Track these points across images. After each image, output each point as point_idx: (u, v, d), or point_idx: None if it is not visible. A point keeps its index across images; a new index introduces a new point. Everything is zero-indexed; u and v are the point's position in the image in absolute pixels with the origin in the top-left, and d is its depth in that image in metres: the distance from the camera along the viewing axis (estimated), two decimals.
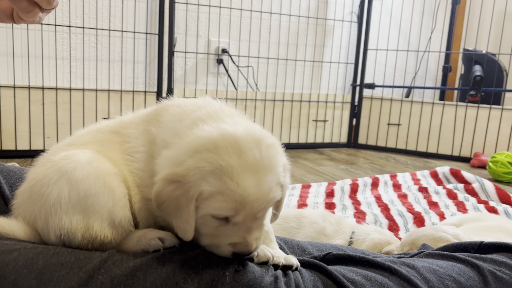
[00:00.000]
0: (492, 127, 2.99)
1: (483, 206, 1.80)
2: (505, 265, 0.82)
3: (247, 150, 0.62)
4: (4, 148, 2.38)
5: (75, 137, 0.78)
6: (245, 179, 0.61)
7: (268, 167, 0.64)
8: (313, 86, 3.34)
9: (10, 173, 0.92)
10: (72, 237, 0.66)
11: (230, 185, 0.61)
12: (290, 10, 3.16)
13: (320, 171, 2.52)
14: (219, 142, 0.62)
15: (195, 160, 0.62)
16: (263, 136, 0.66)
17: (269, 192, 0.63)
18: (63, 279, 0.60)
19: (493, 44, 3.42)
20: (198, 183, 0.61)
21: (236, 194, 0.61)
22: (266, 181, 0.63)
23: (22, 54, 2.42)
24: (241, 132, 0.64)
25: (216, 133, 0.64)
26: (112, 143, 0.74)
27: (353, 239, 1.26)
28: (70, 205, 0.66)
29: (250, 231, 0.65)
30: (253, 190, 0.62)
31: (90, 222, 0.66)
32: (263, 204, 0.64)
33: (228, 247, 0.65)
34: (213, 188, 0.61)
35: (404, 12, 3.46)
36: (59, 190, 0.66)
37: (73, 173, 0.66)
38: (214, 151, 0.62)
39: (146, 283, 0.61)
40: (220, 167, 0.61)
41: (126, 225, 0.69)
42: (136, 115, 0.79)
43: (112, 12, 2.61)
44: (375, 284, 0.71)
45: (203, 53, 2.93)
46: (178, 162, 0.63)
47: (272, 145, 0.66)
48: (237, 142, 0.63)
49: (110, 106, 2.58)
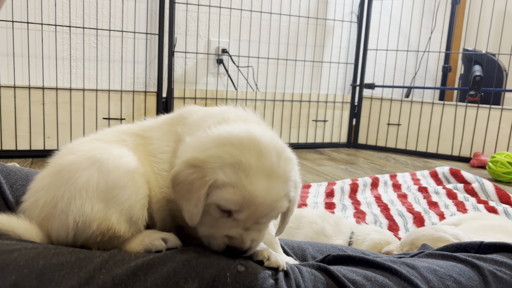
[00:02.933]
0: (491, 127, 2.99)
1: (483, 206, 1.80)
2: (505, 265, 0.82)
3: (267, 155, 0.66)
4: (4, 148, 2.38)
5: (99, 134, 0.79)
6: (258, 181, 0.64)
7: (281, 177, 0.66)
8: (313, 86, 3.34)
9: (10, 173, 0.92)
10: (87, 225, 0.67)
11: (244, 181, 0.63)
12: (290, 10, 3.16)
13: (320, 171, 2.52)
14: (244, 140, 0.66)
15: (218, 150, 0.65)
16: (284, 149, 0.70)
17: (276, 200, 0.66)
18: (63, 279, 0.60)
19: (492, 44, 3.43)
20: (215, 171, 0.64)
21: (246, 191, 0.63)
22: (276, 189, 0.65)
23: (23, 54, 2.42)
24: (266, 138, 0.68)
25: (244, 131, 0.67)
26: (136, 144, 0.76)
27: (352, 239, 1.26)
28: (96, 192, 0.67)
29: (248, 231, 0.67)
30: (263, 193, 0.64)
31: (109, 213, 0.67)
32: (268, 210, 0.66)
33: (224, 238, 0.67)
34: (227, 179, 0.64)
35: (404, 12, 3.46)
36: (88, 176, 0.67)
37: (105, 163, 0.68)
38: (237, 147, 0.65)
39: (147, 283, 0.61)
40: (239, 162, 0.64)
41: (140, 224, 0.71)
42: (157, 119, 0.82)
43: (112, 12, 2.61)
44: (376, 284, 0.71)
45: (203, 53, 2.93)
46: (202, 149, 0.66)
47: (290, 160, 0.70)
48: (260, 145, 0.66)
49: (110, 106, 2.58)
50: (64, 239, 0.69)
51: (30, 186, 0.75)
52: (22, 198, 0.75)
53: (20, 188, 0.89)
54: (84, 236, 0.68)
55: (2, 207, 0.84)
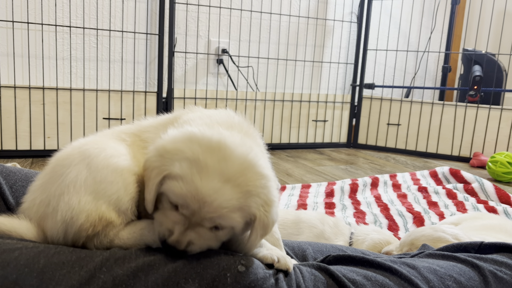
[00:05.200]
0: (491, 127, 2.99)
1: (483, 206, 1.80)
2: (505, 265, 0.82)
3: (228, 161, 0.64)
4: (5, 148, 2.38)
5: (101, 133, 0.80)
6: (210, 181, 0.63)
7: (239, 186, 0.64)
8: (313, 86, 3.34)
9: (10, 173, 0.92)
10: (75, 218, 0.66)
11: (194, 177, 0.63)
12: (290, 10, 3.16)
13: (320, 171, 2.52)
14: (213, 142, 0.66)
15: (184, 144, 0.66)
16: (257, 164, 0.66)
17: (224, 206, 0.63)
18: (64, 278, 0.60)
19: (492, 44, 3.43)
20: (173, 163, 0.65)
21: (193, 187, 0.63)
22: (228, 195, 0.63)
23: (23, 54, 2.42)
24: (237, 148, 0.66)
25: (217, 135, 0.67)
26: (134, 144, 0.77)
27: (352, 239, 1.26)
28: (84, 186, 0.67)
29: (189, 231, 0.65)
30: (209, 192, 0.62)
31: (98, 204, 0.67)
32: (213, 213, 0.63)
33: (165, 231, 0.66)
34: (180, 172, 0.64)
35: (403, 12, 3.46)
36: (77, 172, 0.68)
37: (95, 160, 0.69)
38: (202, 146, 0.65)
39: (148, 283, 0.61)
40: (197, 160, 0.64)
41: (129, 215, 0.71)
42: (154, 119, 0.83)
43: (113, 12, 2.61)
44: (376, 284, 0.72)
45: (203, 53, 2.93)
46: (172, 141, 0.68)
47: (261, 175, 0.66)
48: (226, 151, 0.65)
49: (111, 106, 2.58)
50: (56, 237, 0.68)
51: (31, 186, 0.75)
52: (22, 199, 0.75)
53: (20, 188, 0.89)
54: (74, 231, 0.67)
55: (2, 208, 0.84)
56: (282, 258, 0.71)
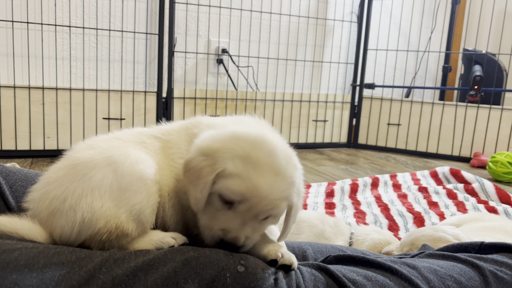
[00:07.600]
0: (492, 127, 2.99)
1: (483, 206, 1.80)
2: (506, 266, 0.82)
3: (276, 156, 0.69)
4: (4, 148, 2.38)
5: (119, 133, 0.80)
6: (265, 176, 0.67)
7: (286, 179, 0.69)
8: (313, 86, 3.34)
9: (10, 173, 0.92)
10: (94, 222, 0.67)
11: (251, 173, 0.66)
12: (290, 10, 3.16)
13: (320, 171, 2.52)
14: (258, 139, 0.70)
15: (231, 142, 0.69)
16: (294, 156, 0.74)
17: (278, 198, 0.68)
18: (64, 278, 0.60)
19: (493, 44, 3.43)
20: (225, 161, 0.67)
21: (251, 183, 0.65)
22: (280, 187, 0.68)
23: (22, 54, 2.42)
24: (278, 142, 0.72)
25: (259, 132, 0.72)
26: (154, 147, 0.78)
27: (352, 239, 1.26)
28: (108, 192, 0.68)
29: (245, 226, 0.68)
30: (267, 187, 0.67)
31: (119, 212, 0.68)
32: (269, 206, 0.67)
33: (219, 232, 0.68)
34: (235, 170, 0.67)
35: (404, 12, 3.46)
36: (103, 175, 0.69)
37: (121, 166, 0.70)
38: (250, 143, 0.69)
39: (147, 283, 0.61)
40: (249, 156, 0.67)
41: (147, 227, 0.72)
42: (173, 124, 0.84)
43: (112, 12, 2.61)
44: (376, 284, 0.71)
45: (203, 53, 2.93)
46: (216, 140, 0.70)
47: (297, 168, 0.74)
48: (271, 146, 0.70)
49: (110, 106, 2.58)
50: (68, 236, 0.69)
51: (43, 176, 0.75)
52: (22, 199, 0.75)
53: (19, 189, 0.89)
54: (89, 234, 0.68)
55: (2, 208, 0.84)
56: (286, 253, 0.72)
